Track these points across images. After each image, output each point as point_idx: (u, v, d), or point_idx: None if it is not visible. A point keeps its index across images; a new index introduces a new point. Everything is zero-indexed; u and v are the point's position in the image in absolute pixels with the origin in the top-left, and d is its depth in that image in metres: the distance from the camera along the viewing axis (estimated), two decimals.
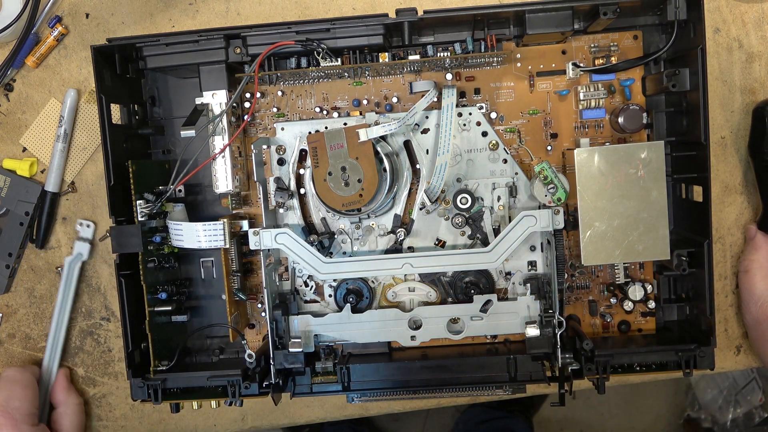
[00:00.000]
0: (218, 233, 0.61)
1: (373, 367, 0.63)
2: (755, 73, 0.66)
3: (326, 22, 0.59)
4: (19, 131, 0.71)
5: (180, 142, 0.68)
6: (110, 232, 0.61)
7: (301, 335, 0.63)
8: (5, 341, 0.73)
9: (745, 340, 0.69)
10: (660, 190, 0.58)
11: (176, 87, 0.68)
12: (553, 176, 0.60)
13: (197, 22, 0.69)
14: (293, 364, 0.61)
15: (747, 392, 1.33)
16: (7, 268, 0.71)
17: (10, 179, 0.70)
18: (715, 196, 0.67)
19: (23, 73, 0.70)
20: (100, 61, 0.60)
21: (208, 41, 0.60)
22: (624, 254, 0.59)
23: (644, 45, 0.64)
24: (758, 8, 0.66)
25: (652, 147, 0.58)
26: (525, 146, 0.65)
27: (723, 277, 0.68)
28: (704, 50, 0.56)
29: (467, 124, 0.64)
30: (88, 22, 0.70)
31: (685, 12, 0.58)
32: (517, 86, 0.65)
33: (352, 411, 0.72)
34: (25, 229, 0.70)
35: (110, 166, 0.61)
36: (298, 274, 0.67)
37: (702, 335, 0.60)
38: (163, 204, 0.62)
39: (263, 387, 0.62)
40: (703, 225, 0.59)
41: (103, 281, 0.71)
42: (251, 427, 0.72)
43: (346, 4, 0.68)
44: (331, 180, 0.61)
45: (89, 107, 0.70)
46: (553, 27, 0.58)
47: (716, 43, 0.66)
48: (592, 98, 0.64)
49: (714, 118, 0.66)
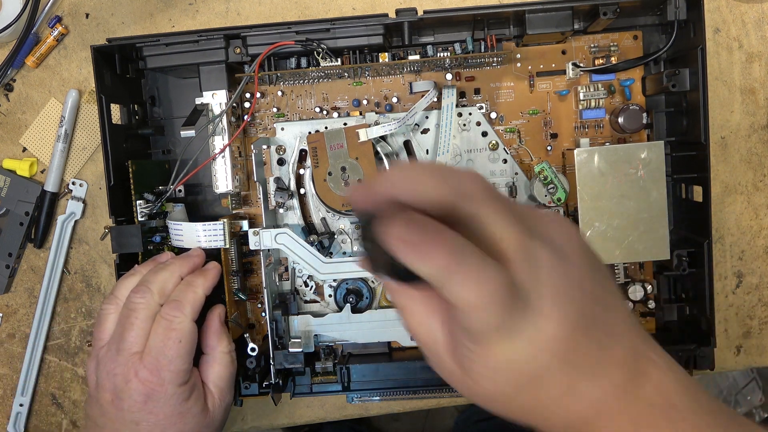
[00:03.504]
0: (218, 233, 0.61)
1: (373, 367, 0.63)
2: (755, 73, 0.66)
3: (326, 22, 0.59)
4: (19, 131, 0.71)
5: (180, 142, 0.68)
6: (110, 232, 0.61)
7: (301, 335, 0.63)
8: (5, 341, 0.73)
9: (745, 340, 0.69)
10: (660, 190, 0.58)
11: (176, 87, 0.68)
12: (553, 176, 0.60)
13: (197, 22, 0.69)
14: (293, 364, 0.61)
15: (747, 392, 1.33)
16: (7, 268, 0.71)
17: (10, 179, 0.70)
18: (715, 196, 0.67)
19: (23, 73, 0.70)
20: (100, 61, 0.60)
21: (208, 41, 0.60)
22: (624, 254, 0.59)
23: (644, 45, 0.64)
24: (758, 8, 0.66)
25: (652, 147, 0.58)
26: (525, 146, 0.65)
27: (723, 277, 0.68)
28: (704, 50, 0.56)
29: (467, 124, 0.64)
30: (88, 22, 0.70)
31: (685, 12, 0.58)
32: (517, 86, 0.65)
33: (352, 411, 0.72)
34: (25, 229, 0.70)
35: (110, 166, 0.61)
36: (298, 274, 0.67)
37: (702, 335, 0.60)
38: (163, 204, 0.62)
39: (263, 387, 0.62)
40: (703, 225, 0.59)
41: (103, 281, 0.71)
42: (251, 427, 0.72)
43: (346, 4, 0.68)
44: (331, 180, 0.61)
45: (89, 107, 0.70)
46: (553, 27, 0.58)
47: (716, 43, 0.66)
48: (592, 98, 0.64)
49: (714, 118, 0.66)
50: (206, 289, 0.57)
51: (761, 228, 0.68)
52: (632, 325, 0.36)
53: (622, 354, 0.35)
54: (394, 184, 0.31)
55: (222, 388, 0.58)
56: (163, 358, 0.52)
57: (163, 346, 0.53)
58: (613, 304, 0.36)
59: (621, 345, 0.35)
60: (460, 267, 0.29)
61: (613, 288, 0.37)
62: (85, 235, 0.71)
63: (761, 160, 0.67)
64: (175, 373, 0.53)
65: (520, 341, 0.32)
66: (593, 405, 0.35)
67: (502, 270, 0.30)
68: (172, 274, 0.57)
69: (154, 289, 0.55)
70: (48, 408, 0.73)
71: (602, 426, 0.36)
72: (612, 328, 0.35)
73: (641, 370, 0.36)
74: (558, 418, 0.36)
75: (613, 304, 0.36)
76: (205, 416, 0.56)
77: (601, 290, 0.35)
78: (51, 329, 0.72)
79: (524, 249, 0.31)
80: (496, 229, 0.31)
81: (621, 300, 0.37)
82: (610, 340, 0.35)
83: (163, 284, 0.56)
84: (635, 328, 0.36)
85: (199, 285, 0.57)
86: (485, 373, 0.34)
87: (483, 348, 0.33)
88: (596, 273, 0.35)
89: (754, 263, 0.68)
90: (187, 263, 0.59)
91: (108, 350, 0.54)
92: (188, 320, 0.54)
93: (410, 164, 0.34)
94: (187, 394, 0.54)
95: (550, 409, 0.36)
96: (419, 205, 0.31)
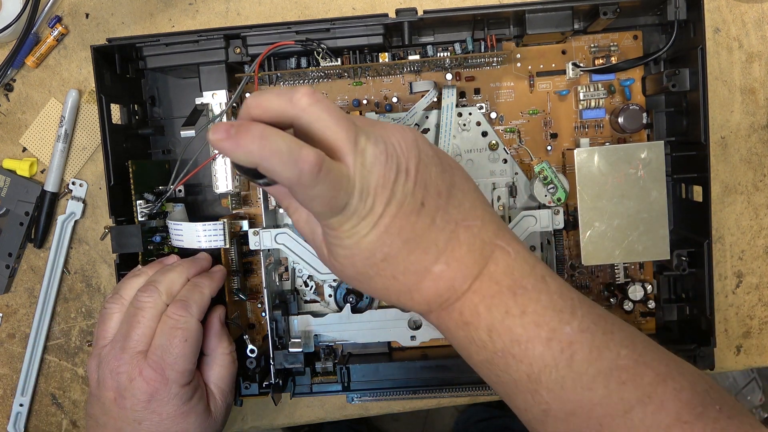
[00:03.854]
0: (218, 233, 0.61)
1: (373, 367, 0.63)
2: (755, 73, 0.66)
3: (326, 22, 0.59)
4: (19, 131, 0.71)
5: (180, 142, 0.68)
6: (110, 232, 0.61)
7: (301, 335, 0.63)
8: (5, 341, 0.73)
9: (745, 340, 0.69)
10: (660, 190, 0.58)
11: (176, 87, 0.68)
12: (553, 176, 0.60)
13: (197, 22, 0.69)
14: (293, 364, 0.61)
15: (747, 392, 1.33)
16: (7, 268, 0.71)
17: (10, 179, 0.70)
18: (715, 196, 0.67)
19: (23, 73, 0.70)
20: (100, 61, 0.60)
21: (208, 41, 0.60)
22: (624, 254, 0.59)
23: (644, 45, 0.64)
24: (758, 8, 0.66)
25: (652, 147, 0.58)
26: (525, 146, 0.65)
27: (723, 277, 0.68)
28: (704, 50, 0.56)
29: (467, 124, 0.64)
30: (88, 22, 0.70)
31: (685, 12, 0.58)
32: (517, 86, 0.65)
33: (352, 411, 0.72)
34: (25, 229, 0.70)
35: (110, 166, 0.61)
36: (298, 274, 0.67)
37: (702, 335, 0.60)
38: (163, 204, 0.62)
39: (263, 387, 0.62)
40: (703, 225, 0.59)
41: (103, 281, 0.71)
42: (251, 427, 0.72)
43: (346, 4, 0.68)
44: None
45: (89, 107, 0.70)
46: (553, 27, 0.58)
47: (716, 43, 0.66)
48: (592, 98, 0.64)
49: (714, 118, 0.66)
50: (212, 291, 0.58)
51: (761, 228, 0.68)
52: (482, 217, 0.43)
53: (469, 239, 0.41)
54: (248, 106, 0.37)
55: (223, 389, 0.58)
56: (168, 356, 0.52)
57: (169, 345, 0.53)
58: (458, 198, 0.42)
59: (468, 231, 0.42)
60: (270, 149, 0.34)
61: (462, 185, 0.43)
62: (85, 235, 0.71)
63: (761, 160, 0.67)
64: (180, 372, 0.53)
65: (361, 223, 0.39)
66: (447, 285, 0.41)
67: (312, 150, 0.35)
68: (179, 275, 0.57)
69: (161, 288, 0.55)
70: (48, 408, 0.73)
71: (457, 304, 0.42)
72: (452, 215, 0.41)
73: (490, 255, 0.42)
74: (420, 297, 0.42)
75: (459, 197, 0.42)
76: (207, 417, 0.56)
77: (444, 184, 0.41)
78: (51, 329, 0.72)
79: (352, 143, 0.37)
80: (328, 129, 0.36)
81: (472, 196, 0.43)
82: (451, 225, 0.41)
83: (171, 285, 0.56)
84: (487, 219, 0.43)
85: (205, 286, 0.57)
86: (344, 254, 0.41)
87: (336, 231, 0.39)
88: (436, 168, 0.41)
89: (754, 263, 0.68)
90: (195, 265, 0.59)
91: (112, 348, 0.54)
92: (194, 320, 0.54)
93: (261, 91, 0.42)
94: (191, 394, 0.54)
95: (411, 290, 0.42)
96: (267, 120, 0.36)
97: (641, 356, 0.41)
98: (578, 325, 0.41)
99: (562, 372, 0.40)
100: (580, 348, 0.40)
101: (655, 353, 0.42)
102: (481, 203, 0.44)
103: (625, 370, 0.40)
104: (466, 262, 0.41)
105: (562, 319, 0.41)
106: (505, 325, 0.41)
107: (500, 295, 0.41)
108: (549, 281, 0.42)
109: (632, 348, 0.41)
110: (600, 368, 0.40)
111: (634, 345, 0.42)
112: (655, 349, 0.43)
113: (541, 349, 0.40)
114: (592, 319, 0.41)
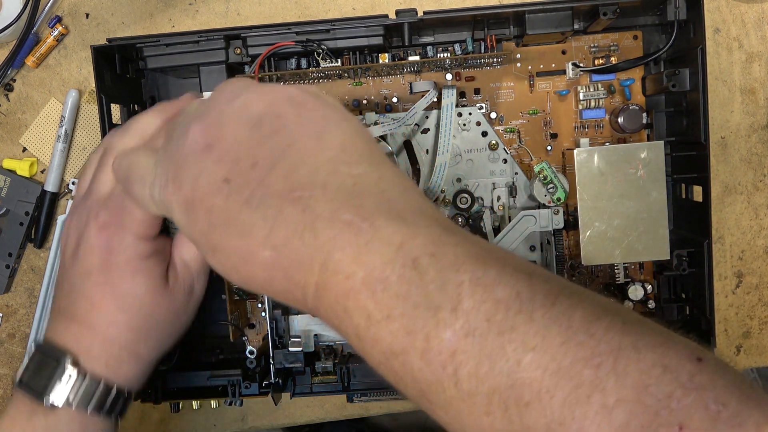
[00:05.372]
0: None
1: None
2: (755, 73, 0.66)
3: (326, 23, 0.59)
4: (19, 131, 0.71)
5: None
6: None
7: (301, 335, 0.63)
8: (5, 341, 0.73)
9: (745, 340, 0.69)
10: (660, 190, 0.58)
11: (176, 87, 0.68)
12: (553, 176, 0.60)
13: (197, 22, 0.69)
14: (293, 364, 0.61)
15: None
16: (7, 268, 0.71)
17: (10, 179, 0.70)
18: (715, 196, 0.67)
19: (23, 73, 0.70)
20: (100, 61, 0.60)
21: (208, 42, 0.60)
22: (624, 254, 0.59)
23: (644, 45, 0.64)
24: (758, 8, 0.66)
25: (652, 147, 0.58)
26: (525, 146, 0.65)
27: (723, 277, 0.68)
28: (704, 50, 0.56)
29: (467, 124, 0.64)
30: (88, 22, 0.70)
31: (685, 12, 0.58)
32: (517, 86, 0.65)
33: (352, 411, 0.72)
34: (25, 229, 0.70)
35: None
36: None
37: (702, 335, 0.60)
38: None
39: (263, 387, 0.62)
40: (703, 225, 0.59)
41: None
42: (251, 427, 0.72)
43: (346, 5, 0.68)
44: None
45: (89, 107, 0.70)
46: (553, 27, 0.58)
47: (716, 43, 0.66)
48: (592, 98, 0.64)
49: (714, 118, 0.66)
50: None
51: (761, 228, 0.68)
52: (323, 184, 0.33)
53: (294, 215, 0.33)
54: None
55: (189, 264, 0.50)
56: (129, 202, 0.45)
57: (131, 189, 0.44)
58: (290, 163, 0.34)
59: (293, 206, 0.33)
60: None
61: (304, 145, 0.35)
62: None
63: (761, 160, 0.67)
64: (138, 221, 0.45)
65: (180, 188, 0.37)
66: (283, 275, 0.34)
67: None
68: (154, 117, 0.50)
69: (132, 130, 0.49)
70: None
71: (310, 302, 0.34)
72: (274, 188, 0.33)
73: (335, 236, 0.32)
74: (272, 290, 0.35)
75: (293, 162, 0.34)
76: (162, 287, 0.48)
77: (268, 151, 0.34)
78: None
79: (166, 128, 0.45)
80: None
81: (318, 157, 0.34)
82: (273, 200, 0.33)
83: (144, 127, 0.49)
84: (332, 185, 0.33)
85: None
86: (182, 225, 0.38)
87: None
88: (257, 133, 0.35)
89: (754, 263, 0.68)
90: (171, 107, 0.51)
91: (80, 198, 0.49)
92: None
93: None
94: (148, 251, 0.47)
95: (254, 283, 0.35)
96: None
97: (555, 360, 0.27)
98: (462, 325, 0.29)
99: (450, 393, 0.30)
100: (465, 360, 0.29)
101: (583, 349, 0.28)
102: (329, 163, 0.34)
103: (528, 386, 0.28)
104: (293, 247, 0.32)
105: (439, 320, 0.29)
106: (372, 335, 0.31)
107: (354, 293, 0.31)
108: (425, 265, 0.30)
109: (542, 350, 0.28)
110: (494, 386, 0.28)
111: (550, 341, 0.28)
112: (588, 338, 0.28)
113: (419, 364, 0.30)
114: (485, 313, 0.29)
